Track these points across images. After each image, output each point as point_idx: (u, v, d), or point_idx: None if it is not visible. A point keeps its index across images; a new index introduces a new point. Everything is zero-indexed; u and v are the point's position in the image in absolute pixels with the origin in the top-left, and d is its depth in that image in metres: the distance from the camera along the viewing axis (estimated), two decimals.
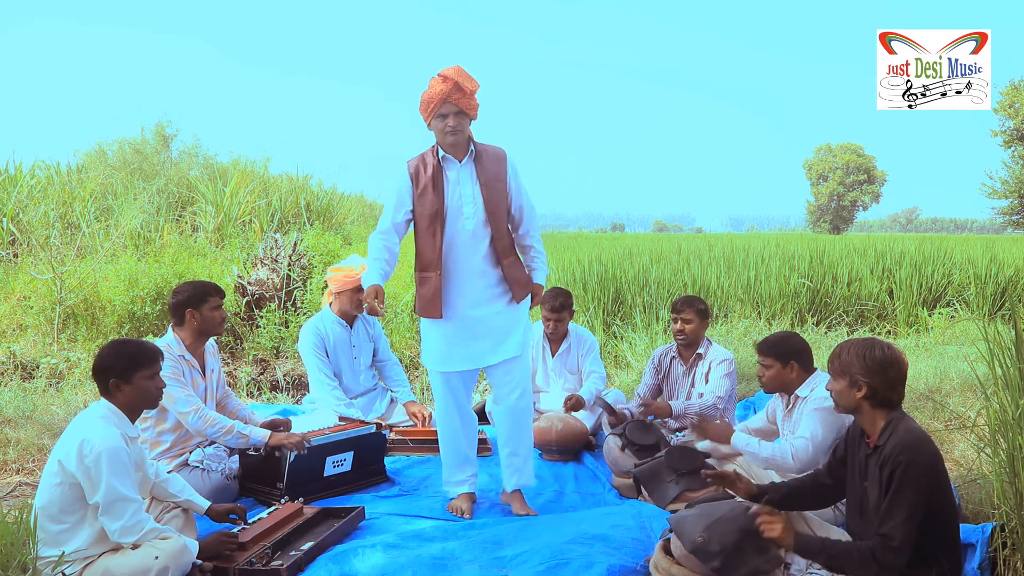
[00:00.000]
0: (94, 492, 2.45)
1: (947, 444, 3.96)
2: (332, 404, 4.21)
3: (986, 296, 8.65)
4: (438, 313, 3.25)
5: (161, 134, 15.70)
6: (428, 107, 3.19)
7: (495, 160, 3.31)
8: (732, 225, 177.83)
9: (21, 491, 3.67)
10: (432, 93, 3.16)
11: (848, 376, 2.43)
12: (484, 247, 3.26)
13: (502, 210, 3.29)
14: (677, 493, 3.36)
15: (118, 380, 2.60)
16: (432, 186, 3.23)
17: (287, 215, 12.38)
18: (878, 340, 2.49)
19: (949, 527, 2.38)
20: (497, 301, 3.29)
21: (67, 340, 6.68)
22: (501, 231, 3.28)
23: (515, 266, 3.33)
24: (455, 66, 3.17)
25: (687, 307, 4.11)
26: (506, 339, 3.32)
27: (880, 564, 2.25)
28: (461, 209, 3.23)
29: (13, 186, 10.06)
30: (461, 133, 3.21)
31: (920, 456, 2.28)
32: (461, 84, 3.12)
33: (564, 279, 8.31)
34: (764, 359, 3.22)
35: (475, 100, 3.22)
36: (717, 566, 2.33)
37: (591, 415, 4.41)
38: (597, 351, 4.63)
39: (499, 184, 3.29)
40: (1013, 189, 34.33)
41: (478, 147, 3.30)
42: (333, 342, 4.42)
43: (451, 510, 3.39)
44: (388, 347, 4.76)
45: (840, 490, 2.63)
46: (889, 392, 2.40)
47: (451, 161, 3.27)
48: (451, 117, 3.16)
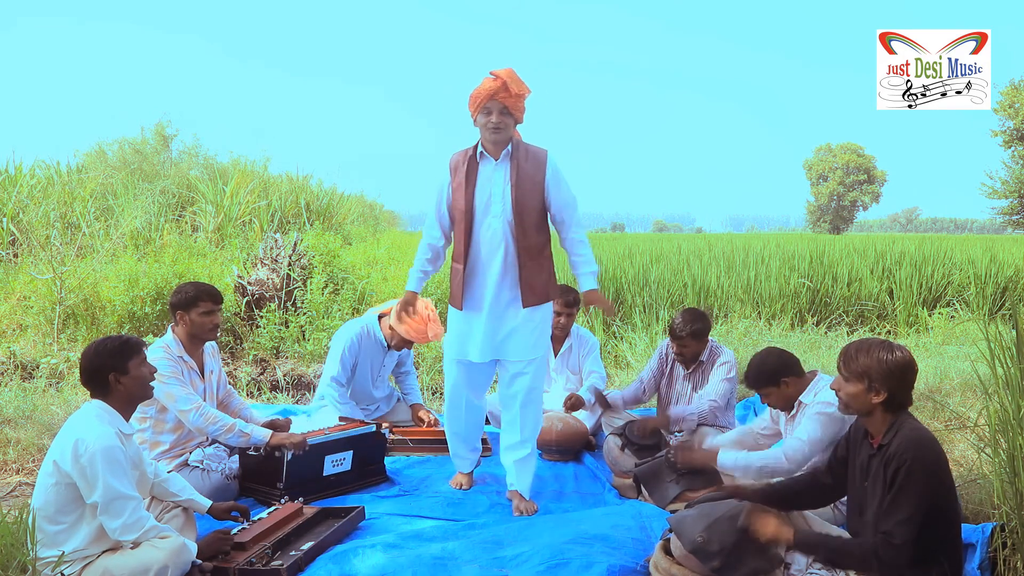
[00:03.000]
0: (91, 491, 2.44)
1: (947, 444, 3.95)
2: (336, 409, 4.20)
3: (986, 296, 8.65)
4: (458, 305, 3.38)
5: (161, 134, 15.71)
6: (475, 102, 3.24)
7: (533, 161, 3.31)
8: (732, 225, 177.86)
9: (21, 491, 3.67)
10: (481, 89, 3.22)
11: (867, 380, 2.36)
12: (509, 247, 3.30)
13: (532, 212, 3.30)
14: (677, 493, 3.36)
15: (117, 374, 2.60)
16: (465, 181, 3.29)
17: (287, 215, 12.38)
18: (891, 342, 2.43)
19: (952, 527, 2.37)
20: (516, 302, 3.34)
21: (67, 340, 6.68)
22: (527, 233, 3.29)
23: (534, 272, 3.33)
24: (508, 68, 3.23)
25: (685, 333, 3.92)
26: (518, 340, 3.35)
27: (881, 562, 2.23)
28: (489, 207, 3.28)
29: (13, 186, 10.06)
30: (503, 131, 3.24)
31: (926, 455, 2.27)
32: (509, 84, 3.18)
33: (565, 279, 8.29)
34: (759, 391, 3.21)
35: (522, 104, 3.27)
36: (717, 566, 2.33)
37: (591, 415, 4.40)
38: (598, 352, 4.63)
39: (533, 186, 3.29)
40: (1013, 189, 34.33)
41: (519, 147, 3.32)
42: (366, 357, 4.37)
43: (452, 484, 3.70)
44: (412, 359, 4.78)
45: (840, 490, 2.62)
46: (905, 396, 2.38)
47: (487, 158, 3.31)
48: (495, 114, 3.21)
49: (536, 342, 3.39)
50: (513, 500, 3.47)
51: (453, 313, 3.44)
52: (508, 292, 3.32)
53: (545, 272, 3.37)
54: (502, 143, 3.28)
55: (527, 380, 3.40)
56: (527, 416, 3.45)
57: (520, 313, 3.33)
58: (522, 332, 3.34)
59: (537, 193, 3.30)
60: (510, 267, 3.30)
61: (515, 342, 3.35)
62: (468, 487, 3.66)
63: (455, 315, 3.43)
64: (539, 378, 3.46)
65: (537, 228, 3.33)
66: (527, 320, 3.34)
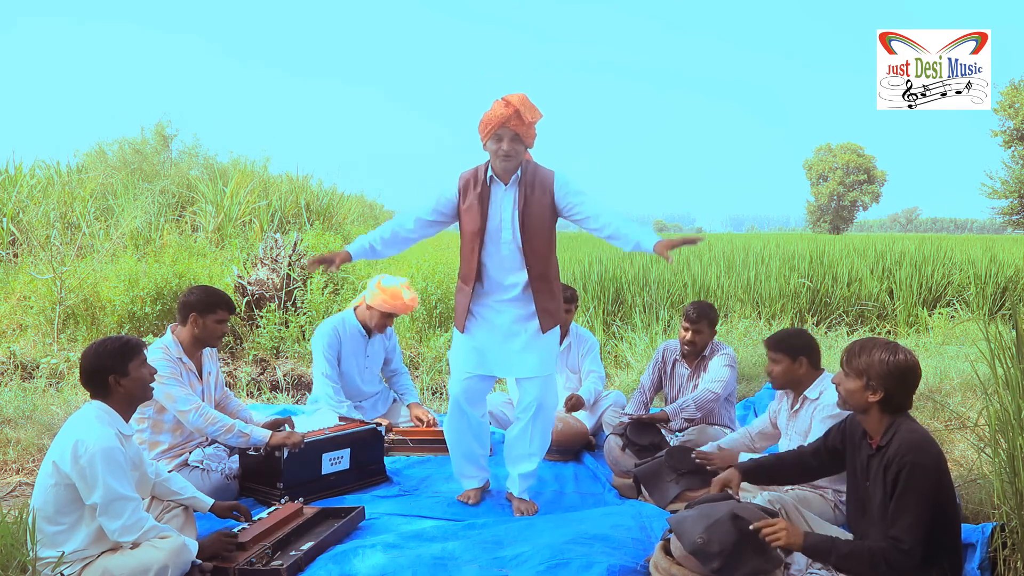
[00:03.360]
0: (91, 493, 2.44)
1: (947, 444, 3.95)
2: (333, 407, 4.21)
3: (986, 296, 8.65)
4: (461, 327, 3.37)
5: (161, 134, 15.71)
6: (486, 128, 3.20)
7: (540, 186, 3.27)
8: (732, 225, 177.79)
9: (21, 491, 3.67)
10: (492, 115, 3.17)
11: (866, 377, 2.39)
12: (519, 271, 3.29)
13: (540, 238, 3.27)
14: (677, 493, 3.36)
15: (117, 375, 2.59)
16: (478, 204, 3.26)
17: (287, 215, 12.38)
18: (898, 344, 2.44)
19: (952, 527, 2.37)
20: (527, 324, 3.32)
21: (67, 340, 6.68)
22: (538, 255, 3.27)
23: (548, 297, 3.31)
24: (520, 94, 3.18)
25: (702, 319, 4.00)
26: (530, 357, 3.34)
27: (891, 567, 2.23)
28: (500, 232, 3.26)
29: (13, 186, 10.06)
30: (513, 159, 3.21)
31: (925, 457, 2.27)
32: (522, 112, 3.13)
33: (564, 279, 8.30)
34: (773, 354, 3.21)
35: (534, 130, 3.23)
36: (717, 567, 2.33)
37: (591, 415, 4.40)
38: (597, 351, 4.63)
39: (541, 211, 3.26)
40: (1013, 189, 34.33)
41: (527, 170, 3.28)
42: (348, 348, 4.38)
43: (460, 498, 3.53)
44: (401, 359, 4.76)
45: (821, 473, 2.69)
46: (903, 399, 2.39)
47: (497, 183, 3.28)
48: (506, 141, 3.17)
49: (547, 358, 3.38)
50: (513, 501, 3.47)
51: (458, 335, 3.42)
52: (518, 314, 3.31)
53: (556, 298, 3.37)
54: (512, 170, 3.26)
55: (540, 396, 3.39)
56: (536, 430, 3.44)
57: (529, 333, 3.32)
58: (534, 350, 3.34)
59: (545, 219, 3.27)
60: (524, 292, 3.29)
61: (527, 359, 3.34)
62: (476, 502, 3.51)
63: (460, 337, 3.41)
64: (551, 394, 3.45)
65: (546, 253, 3.31)
66: (537, 338, 3.34)
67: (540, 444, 3.48)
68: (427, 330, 7.26)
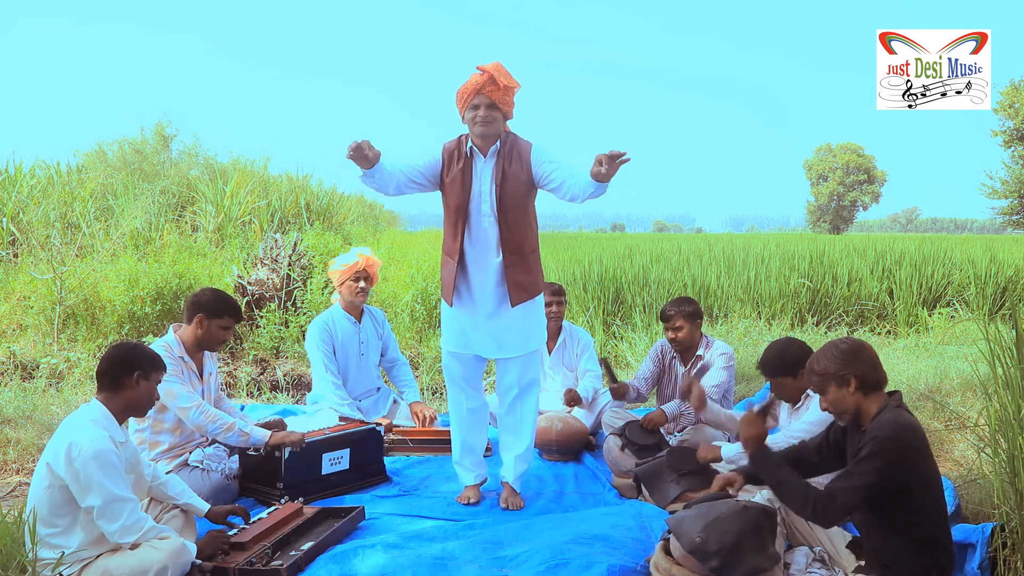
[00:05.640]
0: (86, 495, 2.43)
1: (947, 444, 3.96)
2: (334, 402, 4.21)
3: (986, 296, 8.65)
4: (449, 300, 3.37)
5: (161, 134, 15.72)
6: (462, 97, 3.18)
7: (518, 157, 3.25)
8: (732, 225, 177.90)
9: (21, 491, 3.67)
10: (467, 84, 3.16)
11: (833, 379, 2.47)
12: (496, 244, 3.27)
13: (517, 211, 3.26)
14: (677, 493, 3.36)
15: (143, 374, 2.63)
16: (461, 177, 3.25)
17: (287, 215, 12.39)
18: (836, 339, 2.58)
19: (940, 522, 2.40)
20: (506, 300, 3.32)
21: (67, 340, 6.68)
22: (512, 230, 3.26)
23: (522, 271, 3.29)
24: (496, 62, 3.16)
25: (675, 314, 4.01)
26: (513, 335, 3.34)
27: (815, 513, 2.39)
28: (480, 205, 3.26)
29: (13, 186, 10.06)
30: (490, 125, 3.17)
31: (895, 436, 2.33)
32: (496, 78, 3.11)
33: (564, 279, 8.31)
34: (774, 380, 3.21)
35: (511, 97, 3.19)
36: (716, 566, 2.33)
37: (590, 415, 4.40)
38: (592, 350, 4.63)
39: (518, 184, 3.24)
40: (1013, 189, 34.33)
41: (506, 142, 3.26)
42: (341, 338, 4.41)
43: (460, 499, 3.51)
44: (397, 347, 4.77)
45: (822, 469, 2.71)
46: (873, 373, 2.46)
47: (477, 155, 3.27)
48: (483, 108, 3.14)
49: (530, 335, 3.38)
50: (504, 491, 3.48)
51: (445, 307, 3.43)
52: (497, 289, 3.30)
53: (532, 272, 3.34)
54: (490, 138, 3.22)
55: (522, 373, 3.40)
56: (524, 409, 3.46)
57: (512, 311, 3.31)
58: (516, 328, 3.34)
59: (521, 192, 3.26)
60: (499, 265, 3.27)
61: (510, 337, 3.35)
62: (476, 501, 3.50)
63: (448, 309, 3.42)
64: (535, 370, 3.46)
65: (524, 226, 3.30)
66: (520, 315, 3.33)
67: (530, 422, 3.48)
68: (427, 330, 7.26)
